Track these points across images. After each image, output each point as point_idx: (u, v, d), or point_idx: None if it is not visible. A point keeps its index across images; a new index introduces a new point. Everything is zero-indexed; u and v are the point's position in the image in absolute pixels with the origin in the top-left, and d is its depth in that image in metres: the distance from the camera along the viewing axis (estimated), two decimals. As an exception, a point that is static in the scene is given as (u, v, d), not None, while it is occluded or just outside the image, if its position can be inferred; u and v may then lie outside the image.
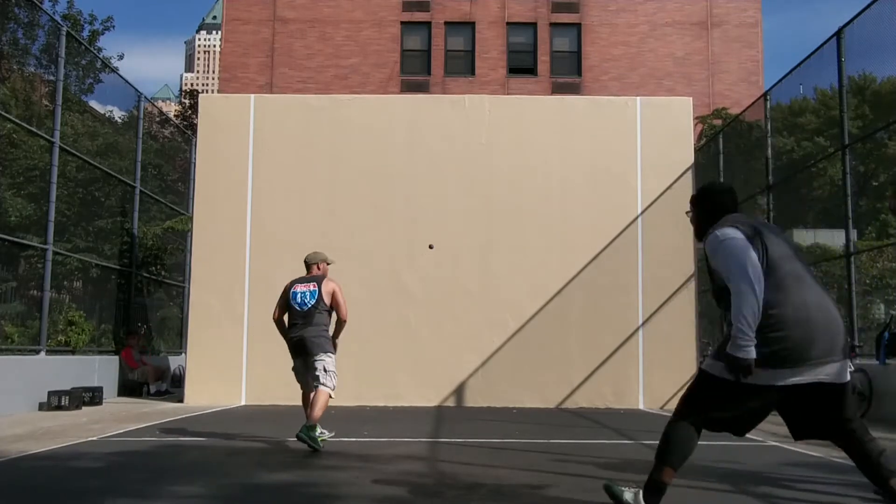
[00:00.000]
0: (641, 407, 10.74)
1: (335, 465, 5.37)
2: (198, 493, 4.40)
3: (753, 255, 3.51)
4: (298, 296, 6.43)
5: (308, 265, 6.76)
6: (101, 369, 11.04)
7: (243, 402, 10.51)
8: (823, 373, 3.50)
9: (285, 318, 6.55)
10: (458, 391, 10.91)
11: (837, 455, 5.97)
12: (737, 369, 3.46)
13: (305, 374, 6.42)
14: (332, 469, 5.20)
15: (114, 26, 24.49)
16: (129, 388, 11.82)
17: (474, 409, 10.26)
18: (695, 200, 4.04)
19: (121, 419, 8.38)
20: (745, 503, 4.25)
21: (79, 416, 8.57)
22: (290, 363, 6.53)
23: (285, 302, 6.52)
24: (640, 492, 3.60)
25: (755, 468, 5.34)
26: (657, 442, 3.70)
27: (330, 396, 6.20)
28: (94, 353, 11.32)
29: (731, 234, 3.61)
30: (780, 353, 3.45)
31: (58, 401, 9.25)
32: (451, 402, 10.82)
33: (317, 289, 6.42)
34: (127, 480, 4.70)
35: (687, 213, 4.12)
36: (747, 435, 3.91)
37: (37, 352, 9.78)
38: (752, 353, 3.42)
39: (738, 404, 3.65)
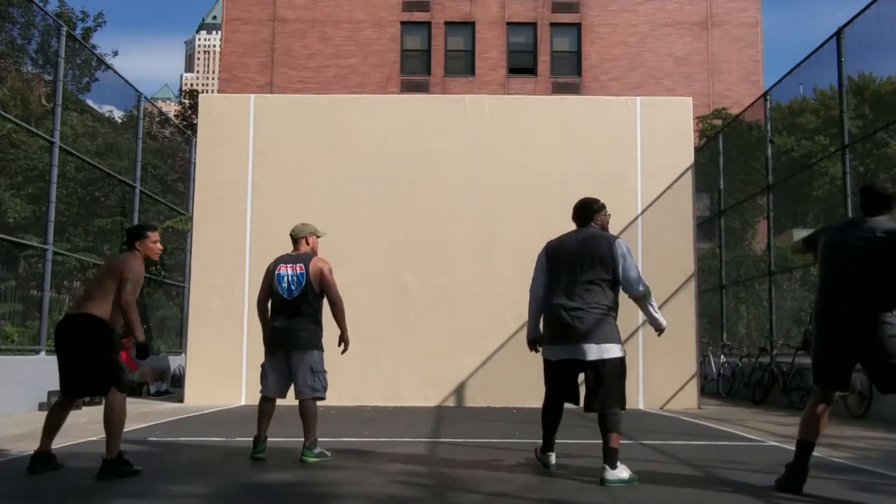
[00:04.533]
0: (641, 407, 10.73)
1: (335, 465, 5.37)
2: (198, 493, 4.40)
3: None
4: (284, 280, 5.61)
5: (295, 240, 5.84)
6: (101, 369, 11.02)
7: (243, 402, 10.50)
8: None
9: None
10: (458, 391, 10.91)
11: (837, 455, 5.98)
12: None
13: (280, 373, 5.65)
14: (332, 469, 5.20)
15: (105, 22, 24.28)
16: (128, 388, 11.80)
17: (474, 409, 10.26)
18: None
19: (121, 419, 8.36)
20: (745, 503, 4.25)
21: (79, 416, 8.55)
22: None
23: (270, 285, 5.72)
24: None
25: (755, 468, 5.33)
26: (657, 442, 3.72)
27: (316, 401, 5.58)
28: (93, 354, 11.29)
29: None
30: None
31: (58, 401, 9.24)
32: (451, 402, 10.82)
33: (304, 271, 5.59)
34: (127, 480, 4.70)
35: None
36: (747, 435, 3.95)
37: (37, 352, 9.78)
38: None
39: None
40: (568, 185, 11.30)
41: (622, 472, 4.65)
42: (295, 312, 5.58)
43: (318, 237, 5.95)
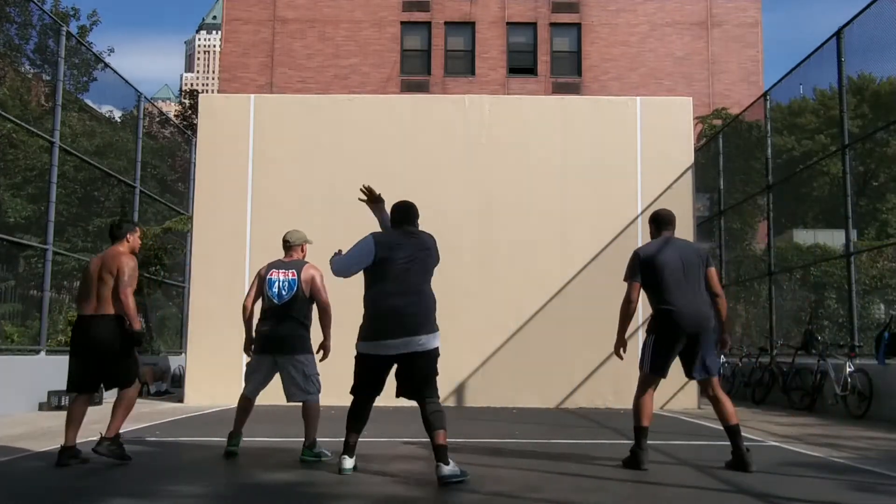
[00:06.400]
0: (641, 407, 10.72)
1: (335, 465, 5.36)
2: (198, 493, 4.40)
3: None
4: (275, 285, 5.70)
5: (289, 247, 5.98)
6: (101, 369, 11.02)
7: (243, 402, 10.48)
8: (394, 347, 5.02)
9: (257, 307, 5.83)
10: (458, 391, 10.90)
11: (837, 455, 5.98)
12: None
13: (263, 375, 5.76)
14: (332, 469, 5.19)
15: (100, 21, 24.22)
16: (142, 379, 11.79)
17: (474, 409, 10.25)
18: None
19: (121, 419, 8.35)
20: (745, 503, 4.25)
21: (79, 416, 8.54)
22: None
23: (260, 289, 5.80)
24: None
25: (755, 468, 5.32)
26: (657, 442, 3.71)
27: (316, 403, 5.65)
28: (93, 353, 11.29)
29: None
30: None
31: (58, 401, 9.25)
32: (451, 402, 10.80)
33: (296, 277, 5.71)
34: (127, 480, 4.70)
35: None
36: (747, 435, 3.94)
37: (37, 352, 9.77)
38: None
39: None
40: (568, 185, 11.32)
41: (455, 467, 4.70)
42: (284, 317, 5.66)
43: (308, 244, 6.14)
